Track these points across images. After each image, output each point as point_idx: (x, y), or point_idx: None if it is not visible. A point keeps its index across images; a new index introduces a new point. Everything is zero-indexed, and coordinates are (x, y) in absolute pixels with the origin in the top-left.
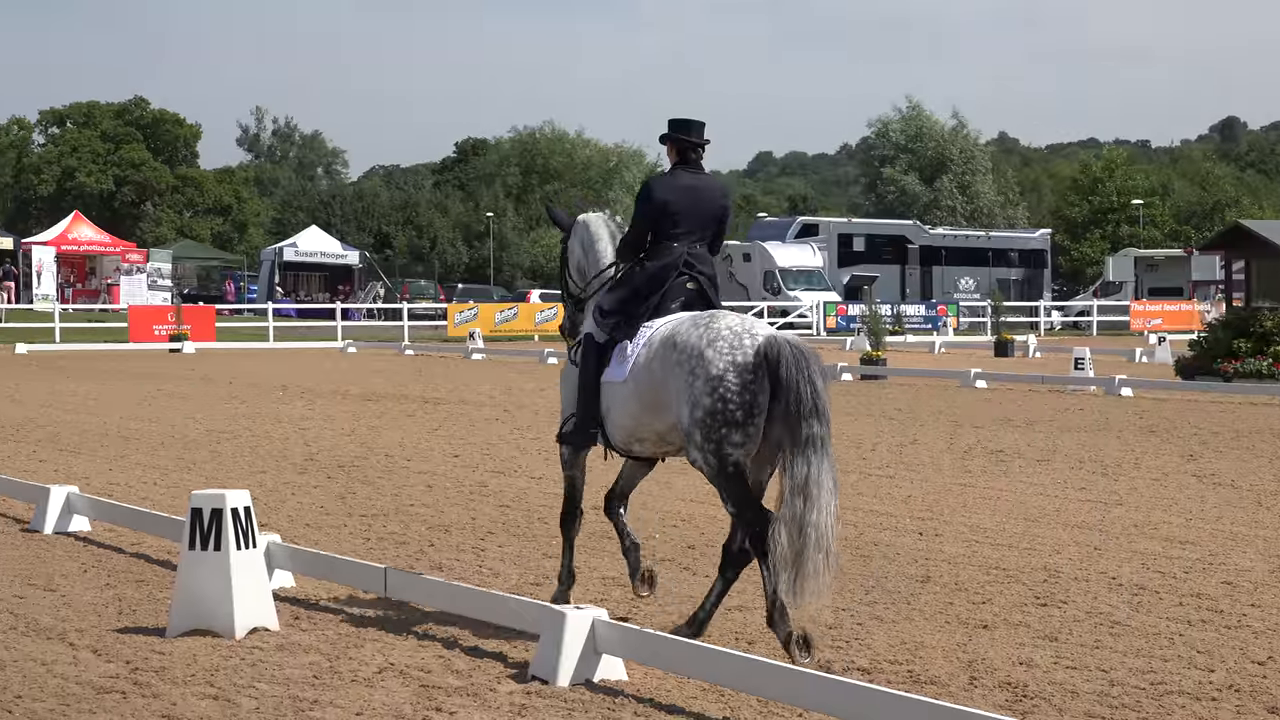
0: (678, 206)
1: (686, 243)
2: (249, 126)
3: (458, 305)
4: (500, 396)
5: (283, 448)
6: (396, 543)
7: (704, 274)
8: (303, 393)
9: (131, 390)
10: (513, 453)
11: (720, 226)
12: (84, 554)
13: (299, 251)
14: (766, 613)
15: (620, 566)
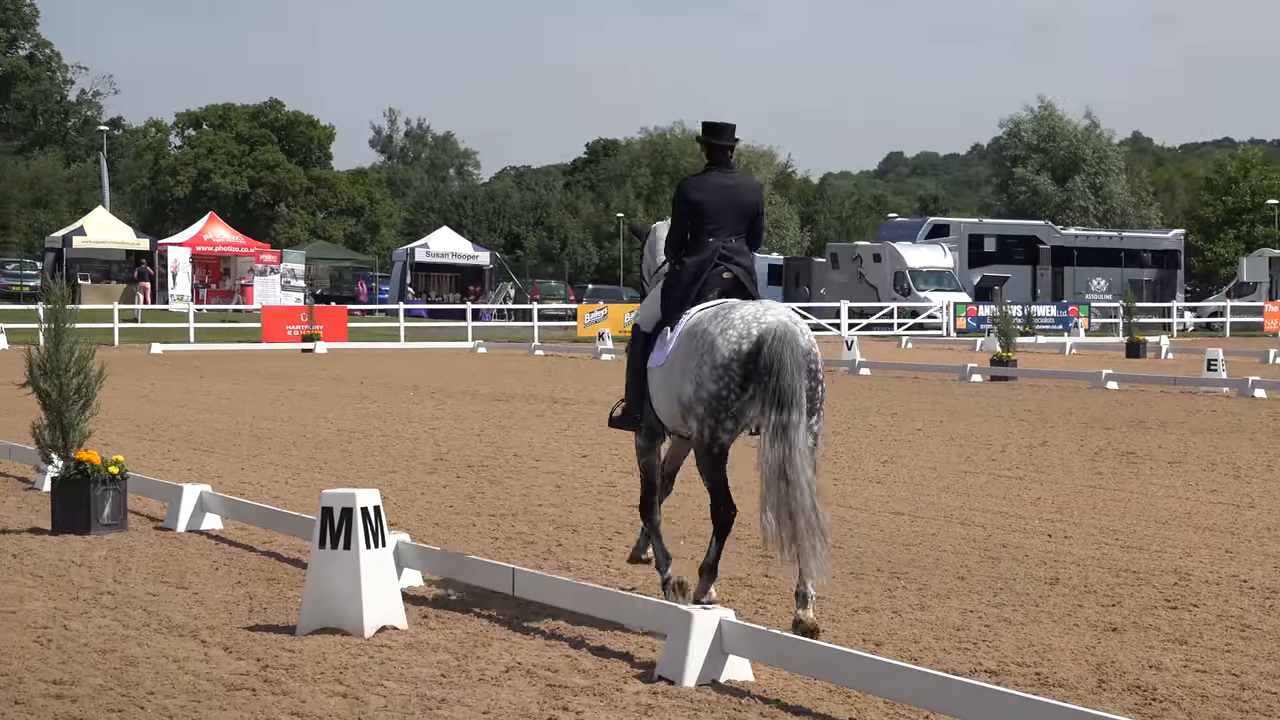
0: (711, 205)
1: (722, 237)
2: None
3: (587, 306)
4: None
5: (413, 447)
6: (524, 542)
7: (740, 265)
8: (433, 393)
9: (264, 390)
10: None
11: (754, 221)
12: (216, 552)
13: (430, 252)
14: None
15: (748, 566)
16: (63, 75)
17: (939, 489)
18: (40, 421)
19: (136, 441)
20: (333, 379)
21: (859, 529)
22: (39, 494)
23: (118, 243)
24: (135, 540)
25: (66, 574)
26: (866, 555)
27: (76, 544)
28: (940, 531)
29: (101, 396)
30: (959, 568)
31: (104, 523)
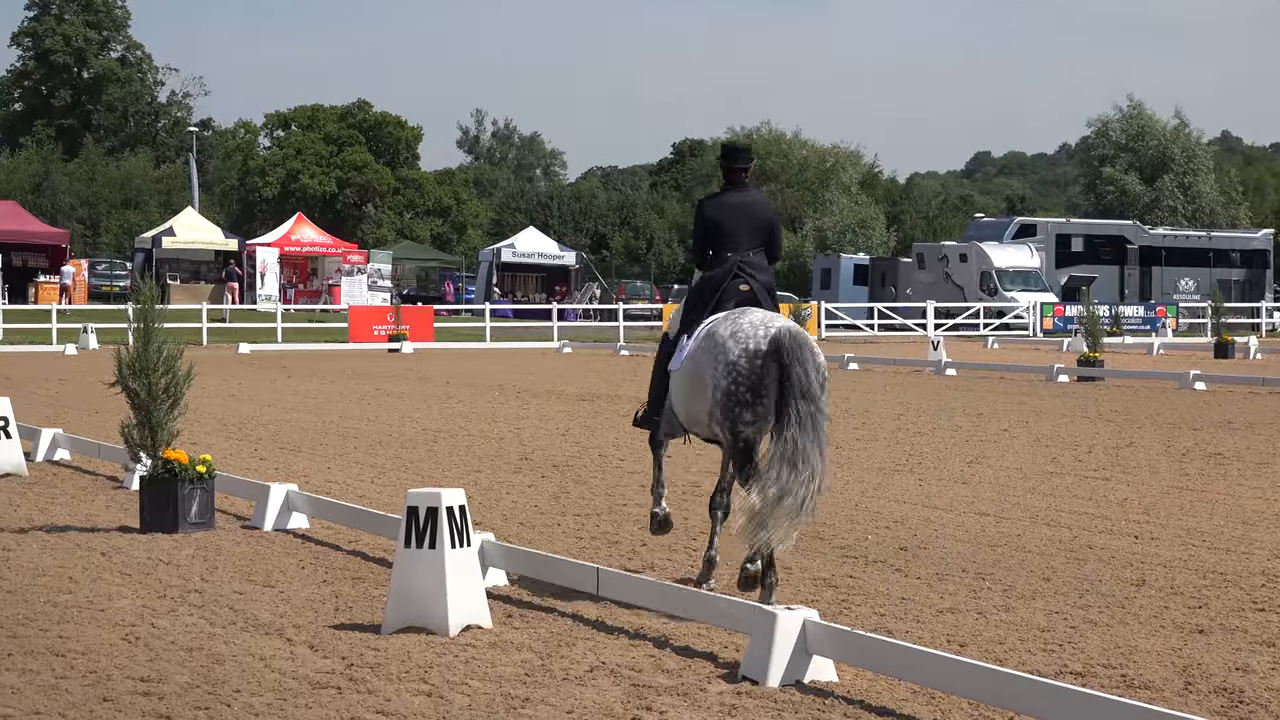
0: (727, 222)
1: (740, 252)
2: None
3: (673, 305)
4: None
5: (498, 447)
6: (609, 542)
7: (757, 279)
8: (518, 392)
9: (350, 389)
10: None
11: (770, 235)
12: (302, 551)
13: (516, 252)
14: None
15: (832, 567)
16: (153, 77)
17: (1024, 490)
18: (129, 421)
19: (224, 440)
20: (418, 379)
21: (944, 530)
22: (127, 493)
23: (206, 243)
24: (222, 539)
25: (154, 572)
26: (951, 556)
27: (164, 542)
28: (1026, 532)
29: (189, 396)
30: (1044, 569)
31: (191, 521)
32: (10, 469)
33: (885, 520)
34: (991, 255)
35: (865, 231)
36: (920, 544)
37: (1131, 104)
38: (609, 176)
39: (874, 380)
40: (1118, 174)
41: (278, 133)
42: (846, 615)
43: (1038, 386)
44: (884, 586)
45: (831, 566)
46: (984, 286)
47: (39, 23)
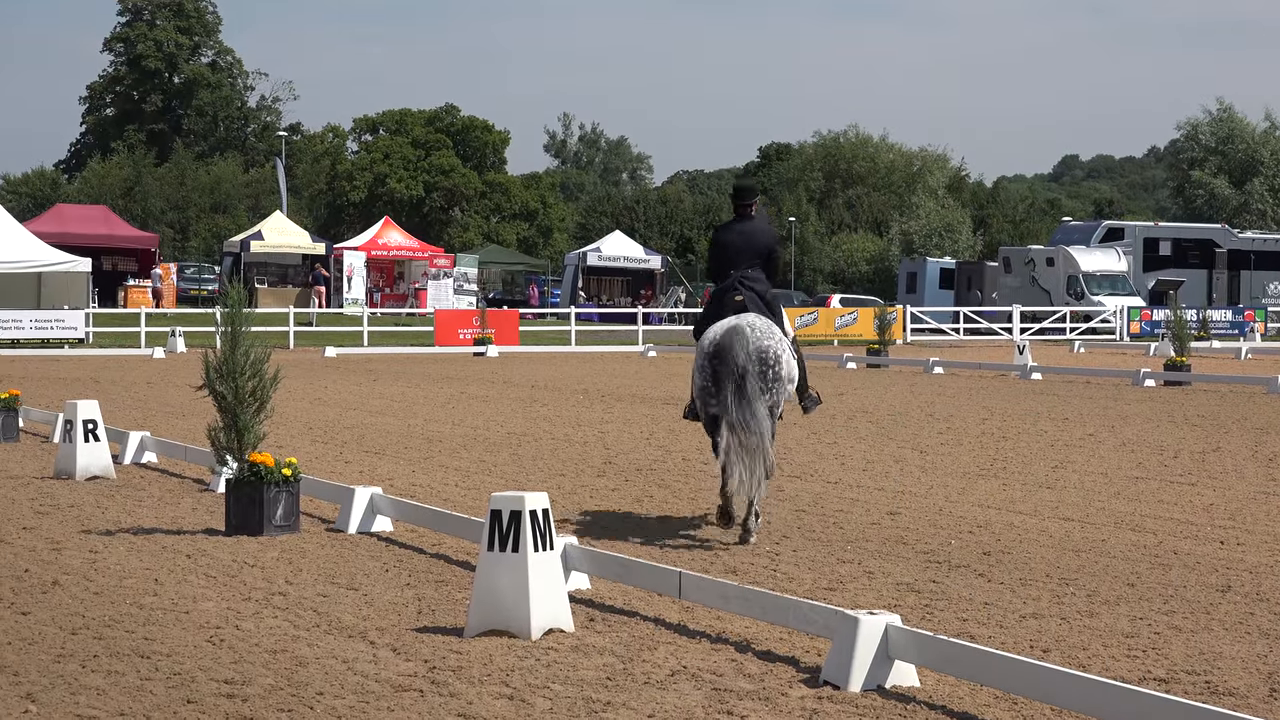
0: (732, 245)
1: (741, 269)
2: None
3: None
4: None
5: (582, 451)
6: (691, 545)
7: (752, 289)
8: (602, 396)
9: (435, 393)
10: (809, 458)
11: (768, 256)
12: (386, 554)
13: (602, 256)
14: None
15: (915, 572)
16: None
17: (1109, 494)
18: (216, 424)
19: (309, 444)
20: (503, 382)
21: (1027, 534)
22: (214, 495)
23: (294, 247)
24: (307, 542)
25: (239, 575)
26: (1035, 561)
27: (249, 545)
28: (1110, 538)
29: (276, 399)
30: (1129, 574)
31: (277, 524)
32: (98, 471)
33: (969, 525)
34: (1078, 259)
35: (951, 235)
36: (1004, 549)
37: (1221, 107)
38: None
39: (959, 384)
40: (1206, 177)
41: (366, 137)
42: (929, 620)
43: (1124, 391)
44: (967, 591)
45: (914, 571)
46: (1070, 290)
47: (131, 28)
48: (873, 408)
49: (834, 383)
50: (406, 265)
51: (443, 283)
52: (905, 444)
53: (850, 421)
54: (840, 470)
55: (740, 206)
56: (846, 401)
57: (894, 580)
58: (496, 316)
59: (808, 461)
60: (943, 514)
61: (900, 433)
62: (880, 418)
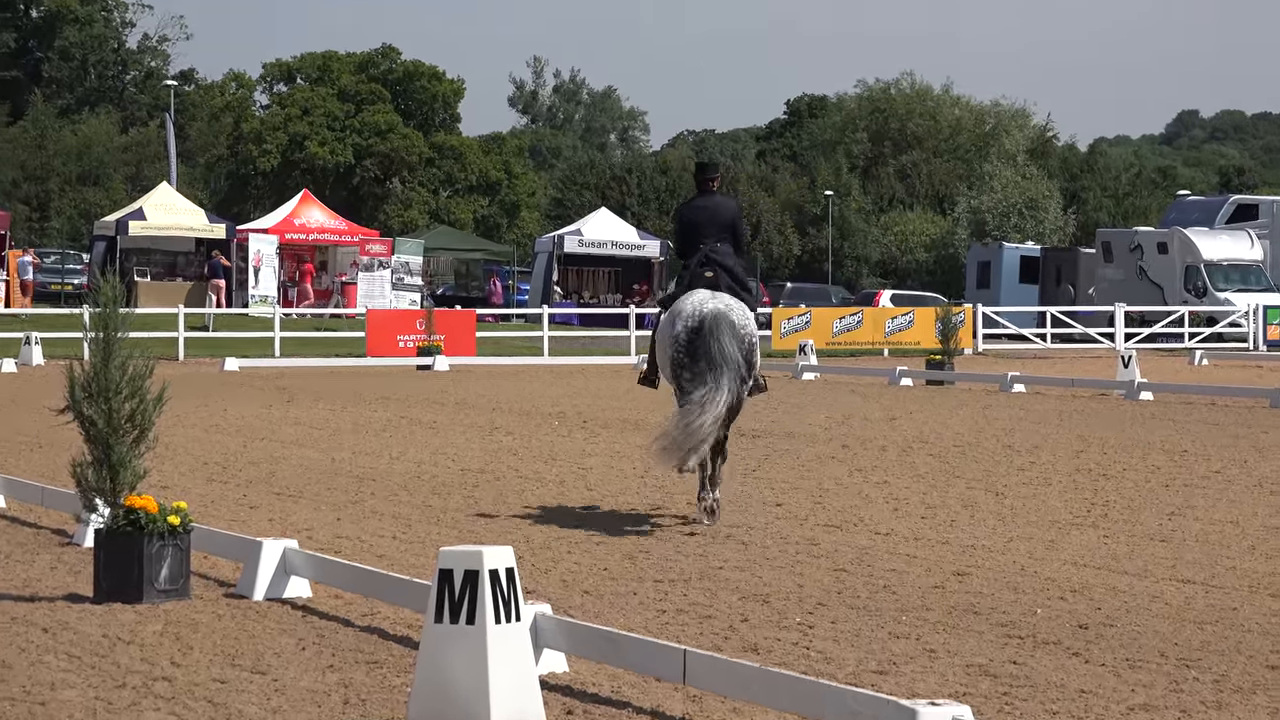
0: (698, 221)
1: (709, 244)
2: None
3: (785, 310)
4: (837, 428)
5: (558, 493)
6: (700, 616)
7: (720, 264)
8: (584, 422)
9: (369, 418)
10: (853, 501)
11: (732, 231)
12: (302, 627)
13: (584, 241)
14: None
15: (991, 650)
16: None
17: (1242, 550)
18: (83, 458)
19: (204, 484)
20: (456, 404)
21: (1135, 601)
22: (79, 550)
23: (186, 229)
24: (200, 611)
25: (111, 654)
26: (1145, 635)
27: (125, 615)
28: (1244, 605)
29: (161, 425)
30: (1269, 653)
31: (161, 588)
32: None
33: (1060, 589)
34: (1199, 245)
35: (1035, 214)
36: (1106, 620)
37: None
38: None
39: (1046, 407)
40: None
41: (279, 88)
42: (1009, 713)
43: (1260, 416)
44: (1058, 676)
45: (990, 649)
46: (1189, 285)
47: None
48: (934, 436)
49: (884, 404)
50: (331, 253)
51: (377, 275)
52: (976, 484)
53: (905, 455)
54: (893, 518)
55: (703, 182)
56: (901, 429)
57: (962, 661)
58: (447, 319)
59: (850, 506)
60: (1025, 574)
61: (970, 469)
62: (944, 449)
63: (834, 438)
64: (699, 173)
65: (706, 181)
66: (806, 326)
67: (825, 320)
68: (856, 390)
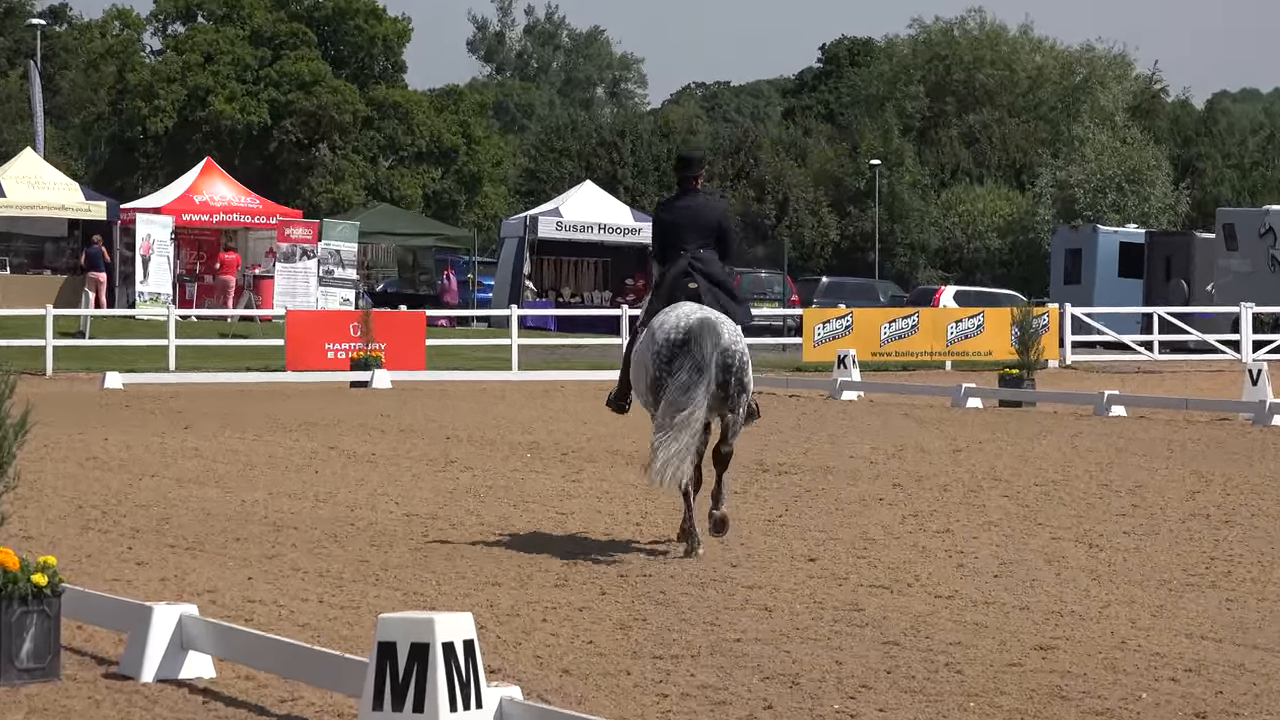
0: (679, 224)
1: (692, 250)
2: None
3: (820, 312)
4: (887, 461)
5: (529, 545)
6: (711, 702)
7: (705, 274)
8: (563, 455)
9: (288, 448)
10: (906, 554)
11: (719, 234)
12: (204, 717)
13: (564, 223)
14: None
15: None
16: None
17: None
18: None
19: (79, 533)
20: (401, 431)
21: (1268, 683)
22: None
23: (56, 208)
24: (72, 697)
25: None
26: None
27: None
28: None
29: (24, 459)
30: None
31: (22, 667)
32: None
33: (1170, 667)
34: None
35: (1138, 189)
36: (1229, 708)
37: None
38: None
39: (1153, 435)
40: None
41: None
42: None
43: None
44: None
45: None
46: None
47: None
48: (1010, 473)
49: (945, 432)
50: (241, 238)
51: (300, 266)
52: (1064, 533)
53: (973, 495)
54: (958, 576)
55: (685, 179)
56: (967, 463)
57: None
58: (389, 323)
59: (903, 562)
60: (1126, 649)
61: (1056, 514)
62: (1023, 489)
63: (882, 474)
64: (680, 168)
65: (689, 179)
66: (847, 332)
67: (871, 324)
68: (911, 413)
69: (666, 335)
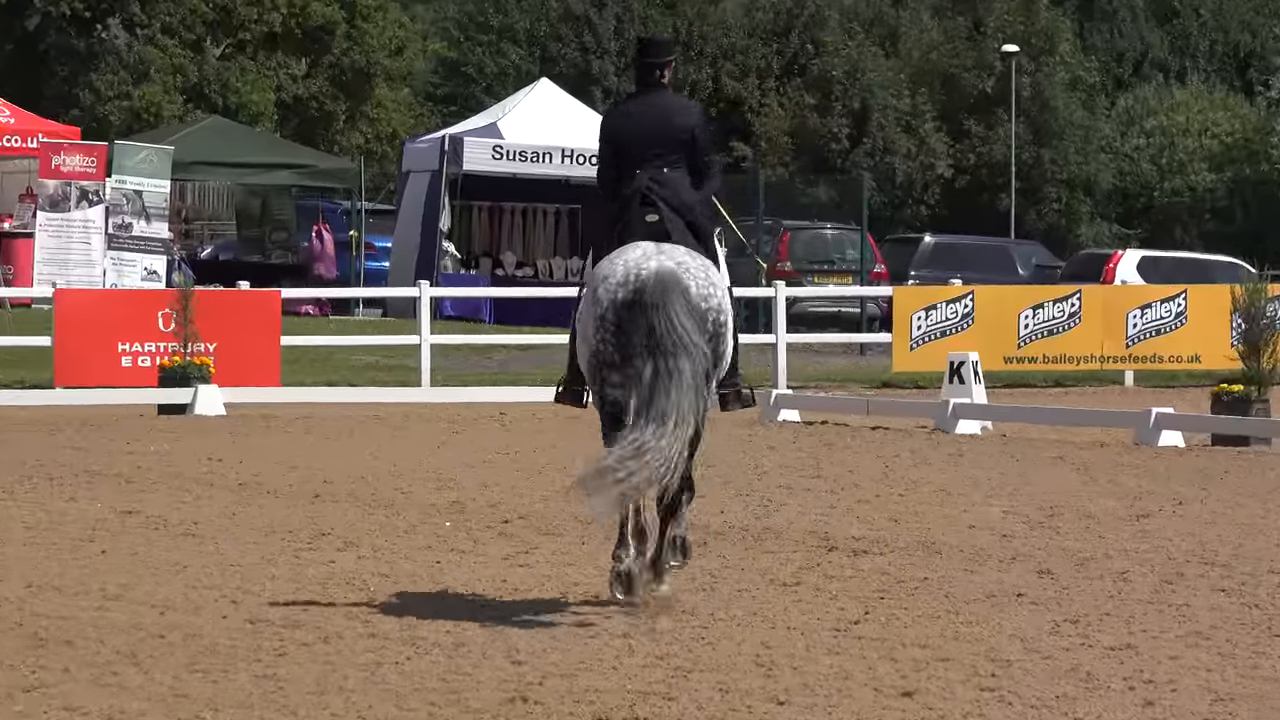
0: (632, 133)
1: (650, 170)
2: None
3: (919, 292)
4: (1029, 533)
5: (451, 668)
6: None
7: (667, 201)
8: (503, 522)
9: (58, 514)
10: (1060, 685)
11: (690, 148)
12: None
13: (506, 148)
14: None
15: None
16: None
17: None
18: None
19: None
20: (240, 485)
21: None
22: None
23: None
24: None
25: None
26: None
27: None
28: None
29: None
30: None
31: None
32: None
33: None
34: None
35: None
36: None
37: None
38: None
39: None
40: None
41: None
42: None
43: None
44: None
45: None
46: None
47: None
48: (1230, 554)
49: (1125, 484)
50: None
51: (77, 218)
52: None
53: (1170, 590)
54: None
55: (644, 70)
56: (1159, 536)
57: None
58: (222, 309)
59: (1054, 696)
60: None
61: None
62: (1250, 581)
63: (1021, 554)
64: (640, 54)
65: (651, 69)
66: (965, 325)
67: (1002, 310)
68: (1068, 456)
69: (612, 295)
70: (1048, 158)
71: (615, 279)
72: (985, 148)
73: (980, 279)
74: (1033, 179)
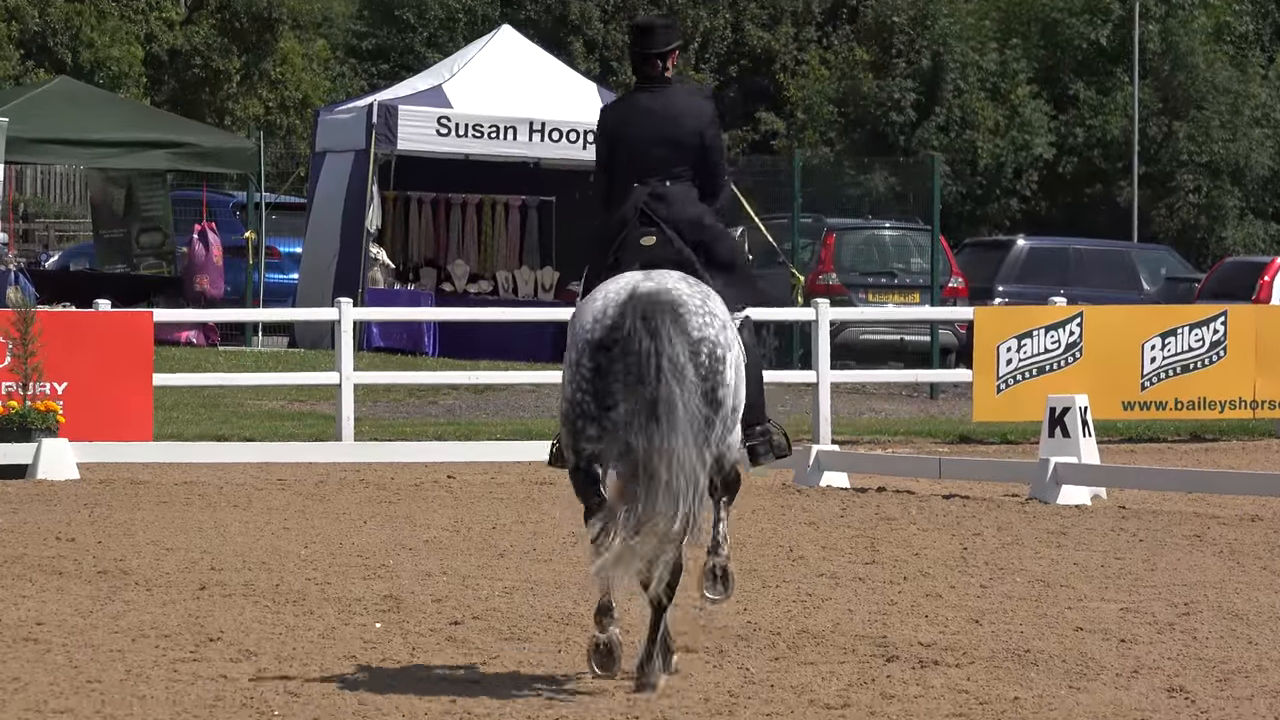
0: (633, 138)
1: (651, 183)
2: None
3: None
4: (1154, 640)
5: None
6: None
7: (667, 220)
8: (452, 625)
9: None
10: None
11: (700, 156)
12: None
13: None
14: None
15: None
16: None
17: None
18: None
19: None
20: (99, 573)
21: None
22: None
23: None
24: None
25: None
26: None
27: None
28: None
29: None
30: None
31: None
32: None
33: None
34: None
35: None
36: None
37: None
38: None
39: None
40: None
41: None
42: None
43: None
44: None
45: None
46: None
47: None
48: None
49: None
50: None
51: None
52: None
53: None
54: None
55: (644, 63)
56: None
57: None
58: (74, 337)
59: None
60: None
61: None
62: None
63: (1145, 668)
64: (636, 42)
65: (650, 61)
66: (1071, 359)
67: (1122, 339)
68: (1209, 535)
69: (586, 333)
70: (1183, 133)
71: (591, 316)
72: (1098, 120)
73: (1091, 296)
74: (1162, 162)
